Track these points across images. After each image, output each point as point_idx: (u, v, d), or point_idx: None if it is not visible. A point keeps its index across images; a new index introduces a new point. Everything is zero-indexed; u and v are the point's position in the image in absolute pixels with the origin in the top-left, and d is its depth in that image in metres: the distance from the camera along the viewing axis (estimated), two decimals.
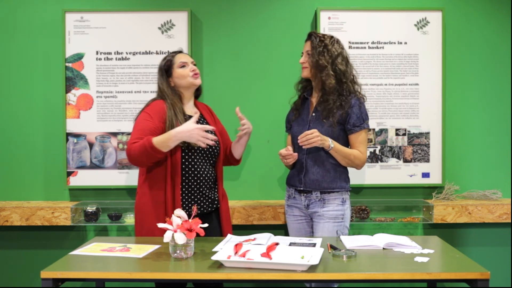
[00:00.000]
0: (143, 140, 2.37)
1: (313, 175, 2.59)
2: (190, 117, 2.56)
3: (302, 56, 2.68)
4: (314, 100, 2.69)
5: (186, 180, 2.51)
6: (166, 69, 2.60)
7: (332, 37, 2.65)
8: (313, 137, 2.46)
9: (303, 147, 2.49)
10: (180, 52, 2.68)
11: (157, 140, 2.35)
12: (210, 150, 2.56)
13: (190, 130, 2.34)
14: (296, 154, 2.58)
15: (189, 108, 2.63)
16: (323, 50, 2.59)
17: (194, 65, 2.64)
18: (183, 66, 2.59)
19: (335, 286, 2.54)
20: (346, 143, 2.63)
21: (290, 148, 2.58)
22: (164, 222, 2.09)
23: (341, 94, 2.58)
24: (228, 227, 2.64)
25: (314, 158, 2.60)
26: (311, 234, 2.66)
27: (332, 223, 2.55)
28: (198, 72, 2.61)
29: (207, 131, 2.39)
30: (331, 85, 2.56)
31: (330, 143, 2.50)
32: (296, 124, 2.71)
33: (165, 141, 2.35)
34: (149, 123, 2.45)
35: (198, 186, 2.53)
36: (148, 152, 2.35)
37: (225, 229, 2.61)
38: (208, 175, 2.57)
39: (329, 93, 2.57)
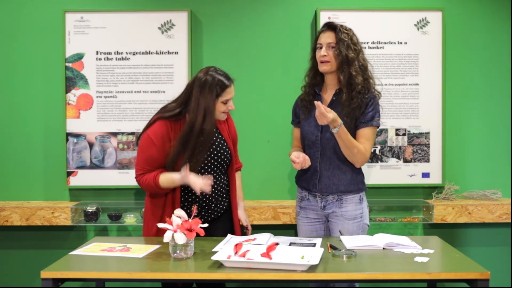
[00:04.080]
0: (151, 177, 2.40)
1: (328, 179, 2.50)
2: None
3: (320, 49, 2.48)
4: (326, 96, 2.57)
5: (189, 187, 2.46)
6: (217, 94, 2.39)
7: (351, 28, 2.52)
8: (325, 112, 2.28)
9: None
10: (232, 83, 2.45)
11: (163, 182, 2.39)
12: (219, 160, 2.51)
13: (192, 182, 2.34)
14: (308, 160, 2.45)
15: None
16: (351, 43, 2.45)
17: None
18: (226, 102, 2.43)
19: (357, 285, 2.53)
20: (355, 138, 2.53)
21: (301, 155, 2.44)
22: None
23: (361, 92, 2.45)
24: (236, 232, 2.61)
25: (328, 162, 2.50)
26: (324, 235, 2.60)
27: (352, 223, 2.51)
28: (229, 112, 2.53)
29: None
30: (359, 81, 2.43)
31: (338, 126, 2.33)
32: (307, 124, 2.57)
33: (170, 183, 2.40)
34: (152, 152, 2.41)
35: (204, 194, 2.46)
36: (156, 190, 2.43)
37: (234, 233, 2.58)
38: (218, 182, 2.53)
39: (354, 89, 2.43)
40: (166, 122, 2.42)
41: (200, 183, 2.32)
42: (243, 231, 2.68)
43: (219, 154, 2.52)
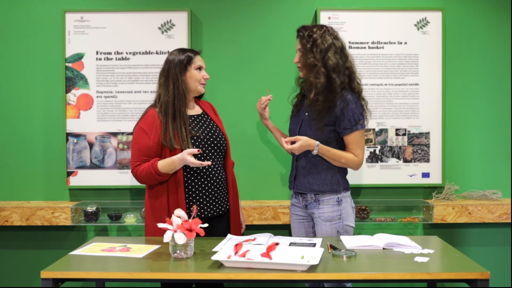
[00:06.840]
0: (148, 165, 2.40)
1: (304, 177, 2.56)
2: (191, 117, 2.56)
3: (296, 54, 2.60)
4: (311, 95, 2.60)
5: (193, 183, 2.48)
6: (186, 63, 2.52)
7: (322, 27, 2.53)
8: (292, 148, 2.44)
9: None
10: (199, 53, 2.61)
11: (162, 165, 2.38)
12: (215, 145, 2.53)
13: (191, 161, 2.33)
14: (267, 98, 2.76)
15: (191, 107, 2.61)
16: (312, 47, 2.48)
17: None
18: (199, 68, 2.55)
19: (348, 285, 2.53)
20: (340, 143, 2.55)
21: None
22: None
23: (331, 92, 2.45)
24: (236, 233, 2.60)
25: (305, 160, 2.56)
26: (312, 234, 2.64)
27: (330, 225, 2.52)
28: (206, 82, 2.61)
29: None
30: (320, 84, 2.45)
31: (315, 148, 2.43)
32: (292, 121, 2.69)
33: (170, 165, 2.38)
34: (145, 141, 2.44)
35: (206, 188, 2.49)
36: (155, 177, 2.41)
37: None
38: (220, 177, 2.55)
39: (319, 93, 2.47)
40: (154, 110, 2.50)
41: (198, 162, 2.33)
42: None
43: (213, 138, 2.54)
